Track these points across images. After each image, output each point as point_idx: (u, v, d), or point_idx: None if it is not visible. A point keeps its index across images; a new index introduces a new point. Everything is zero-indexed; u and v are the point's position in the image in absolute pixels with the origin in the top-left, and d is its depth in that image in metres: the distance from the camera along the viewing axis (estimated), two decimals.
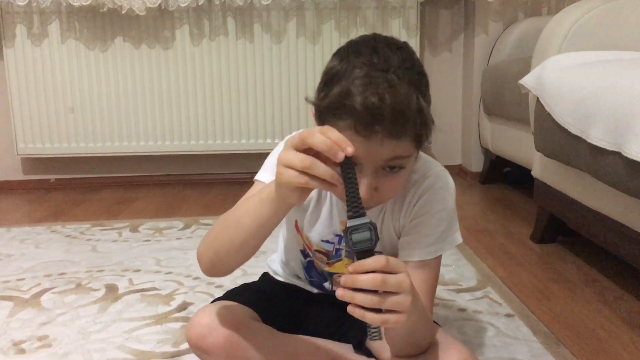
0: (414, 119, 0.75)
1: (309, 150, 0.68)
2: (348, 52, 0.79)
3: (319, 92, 0.80)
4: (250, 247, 0.82)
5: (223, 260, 0.85)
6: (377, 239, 0.67)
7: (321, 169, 0.67)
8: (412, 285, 0.70)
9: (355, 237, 0.67)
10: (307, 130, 0.68)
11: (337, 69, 0.78)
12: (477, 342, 1.13)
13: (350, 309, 0.67)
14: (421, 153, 0.88)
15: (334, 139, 0.66)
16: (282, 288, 1.07)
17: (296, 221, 0.97)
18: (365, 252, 0.67)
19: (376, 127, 0.73)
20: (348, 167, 0.67)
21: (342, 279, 0.67)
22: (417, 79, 0.78)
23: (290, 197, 0.70)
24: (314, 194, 0.93)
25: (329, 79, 0.79)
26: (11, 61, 2.55)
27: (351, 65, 0.76)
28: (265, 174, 0.92)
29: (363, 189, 0.75)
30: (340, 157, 0.66)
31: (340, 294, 0.67)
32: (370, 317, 0.67)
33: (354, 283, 0.66)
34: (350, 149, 0.66)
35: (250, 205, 0.79)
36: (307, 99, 0.83)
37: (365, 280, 0.66)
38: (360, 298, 0.66)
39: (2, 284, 1.49)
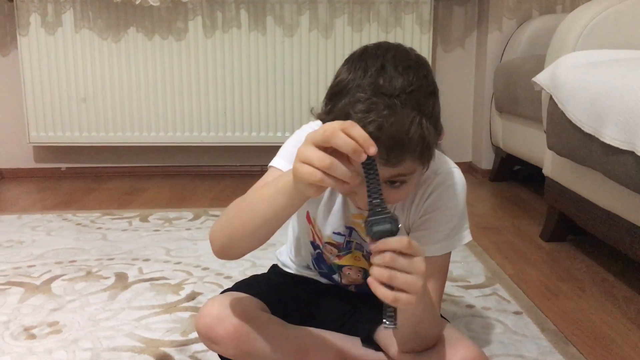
0: (413, 147, 0.74)
1: (329, 148, 0.67)
2: (357, 66, 0.78)
3: (325, 104, 0.80)
4: (263, 234, 0.82)
5: (235, 244, 0.85)
6: (398, 229, 0.68)
7: (339, 170, 0.66)
8: (425, 271, 0.70)
9: (376, 228, 0.68)
10: (330, 127, 0.66)
11: (344, 84, 0.77)
12: (485, 339, 1.13)
13: (369, 280, 0.68)
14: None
15: (357, 138, 0.65)
16: (291, 280, 1.07)
17: (307, 212, 0.98)
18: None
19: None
20: (370, 165, 0.67)
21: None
22: (424, 101, 0.76)
23: (308, 190, 0.70)
24: None
25: (335, 93, 0.78)
26: (25, 50, 2.56)
27: (356, 84, 0.75)
28: (282, 161, 0.91)
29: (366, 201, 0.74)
30: (363, 158, 0.65)
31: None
32: (381, 291, 0.67)
33: (372, 261, 0.68)
34: (373, 149, 0.65)
35: (266, 193, 0.79)
36: (312, 112, 0.83)
37: (377, 258, 0.67)
38: (375, 271, 0.67)
39: (14, 270, 1.51)
